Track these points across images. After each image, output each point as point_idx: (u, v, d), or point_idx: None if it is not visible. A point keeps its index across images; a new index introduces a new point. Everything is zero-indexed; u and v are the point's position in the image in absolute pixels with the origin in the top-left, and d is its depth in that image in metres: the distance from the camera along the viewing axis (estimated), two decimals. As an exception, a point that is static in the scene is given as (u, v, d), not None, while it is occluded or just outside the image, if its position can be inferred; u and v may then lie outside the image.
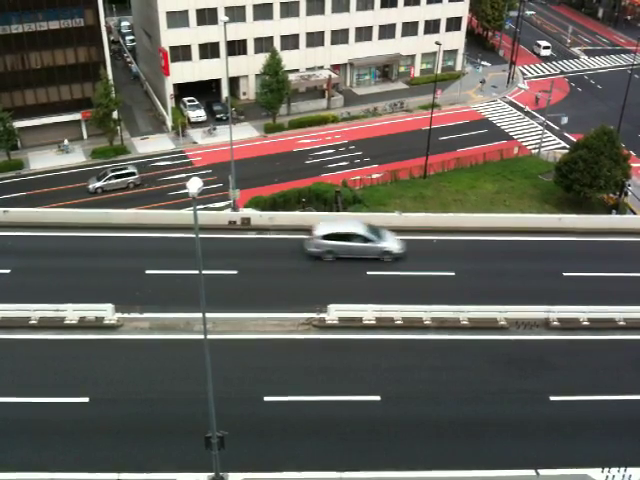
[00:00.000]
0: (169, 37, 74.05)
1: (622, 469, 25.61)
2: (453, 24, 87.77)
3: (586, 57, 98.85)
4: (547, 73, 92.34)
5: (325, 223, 39.99)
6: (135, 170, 63.71)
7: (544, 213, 56.24)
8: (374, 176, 64.79)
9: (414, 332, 33.30)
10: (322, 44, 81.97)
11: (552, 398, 29.70)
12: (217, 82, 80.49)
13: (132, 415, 28.14)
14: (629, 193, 61.11)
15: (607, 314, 34.54)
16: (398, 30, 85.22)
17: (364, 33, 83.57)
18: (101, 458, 26.00)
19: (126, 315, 33.66)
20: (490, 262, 39.70)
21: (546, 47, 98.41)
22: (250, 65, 78.45)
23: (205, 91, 79.60)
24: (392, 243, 39.10)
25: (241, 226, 42.61)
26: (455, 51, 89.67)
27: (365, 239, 38.65)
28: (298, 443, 27.12)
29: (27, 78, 67.86)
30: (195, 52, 76.20)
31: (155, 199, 59.97)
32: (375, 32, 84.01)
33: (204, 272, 22.04)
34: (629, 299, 35.44)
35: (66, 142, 69.10)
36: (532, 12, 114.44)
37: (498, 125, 77.24)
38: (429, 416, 28.69)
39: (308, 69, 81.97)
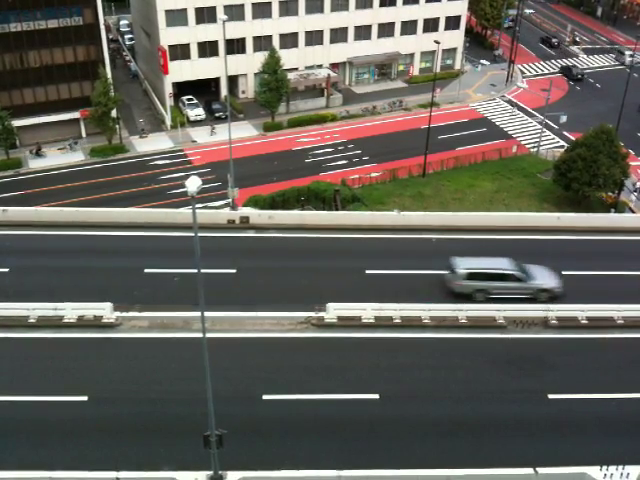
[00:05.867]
0: (168, 36, 74.01)
1: (620, 467, 25.61)
2: (452, 23, 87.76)
3: (585, 56, 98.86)
4: (546, 72, 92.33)
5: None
6: None
7: (543, 212, 56.26)
8: (373, 175, 64.80)
9: (413, 331, 33.31)
10: (321, 43, 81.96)
11: (551, 397, 29.72)
12: (216, 81, 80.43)
13: (131, 414, 28.13)
14: (634, 194, 61.17)
15: (606, 313, 34.54)
16: (397, 29, 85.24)
17: (363, 32, 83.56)
18: (100, 457, 26.00)
19: (125, 314, 33.64)
20: (489, 261, 39.67)
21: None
22: (249, 64, 78.45)
23: (204, 90, 79.54)
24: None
25: (240, 225, 42.60)
26: (454, 50, 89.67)
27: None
28: (297, 442, 27.12)
29: (26, 77, 67.80)
30: (194, 51, 76.17)
31: (154, 198, 59.95)
32: (374, 31, 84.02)
33: (203, 271, 22.04)
34: (628, 297, 35.43)
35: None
36: (531, 11, 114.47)
37: (497, 124, 77.21)
38: (428, 415, 28.69)
39: (307, 68, 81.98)
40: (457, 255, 36.96)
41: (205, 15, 74.62)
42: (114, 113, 69.18)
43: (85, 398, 28.72)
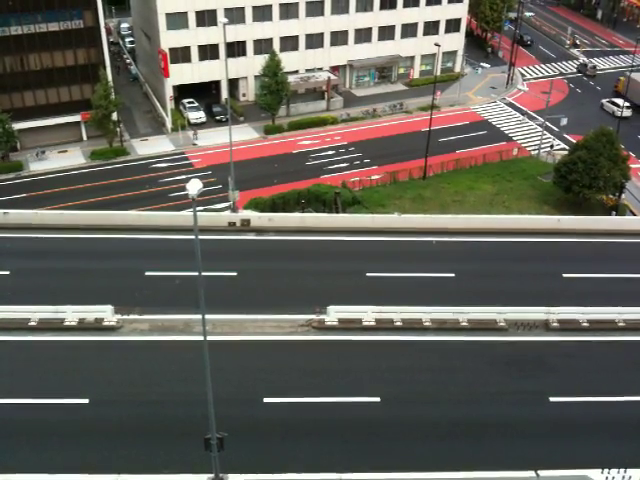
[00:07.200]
0: (168, 38, 74.04)
1: (622, 470, 25.60)
2: (452, 25, 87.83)
3: (585, 58, 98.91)
4: (546, 74, 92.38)
5: None
6: None
7: (543, 214, 56.24)
8: (373, 177, 64.79)
9: (414, 333, 33.32)
10: (321, 45, 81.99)
11: (552, 399, 29.72)
12: (217, 84, 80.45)
13: (132, 416, 28.14)
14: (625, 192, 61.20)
15: (607, 315, 34.57)
16: (397, 31, 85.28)
17: (363, 34, 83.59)
18: (101, 459, 26.02)
19: (126, 316, 33.70)
20: (490, 263, 39.72)
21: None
22: (249, 66, 78.45)
23: (205, 93, 79.59)
24: None
25: (240, 227, 42.63)
26: (454, 52, 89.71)
27: None
28: (298, 444, 27.12)
29: (26, 80, 67.77)
30: (194, 53, 76.18)
31: (155, 200, 59.90)
32: (374, 33, 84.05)
33: (204, 273, 22.05)
34: (629, 300, 35.44)
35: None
36: (531, 13, 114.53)
37: (497, 126, 77.23)
38: (429, 417, 28.69)
39: (307, 70, 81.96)
40: (458, 256, 36.98)
41: (206, 18, 74.63)
42: (115, 116, 69.22)
43: (86, 401, 28.73)
